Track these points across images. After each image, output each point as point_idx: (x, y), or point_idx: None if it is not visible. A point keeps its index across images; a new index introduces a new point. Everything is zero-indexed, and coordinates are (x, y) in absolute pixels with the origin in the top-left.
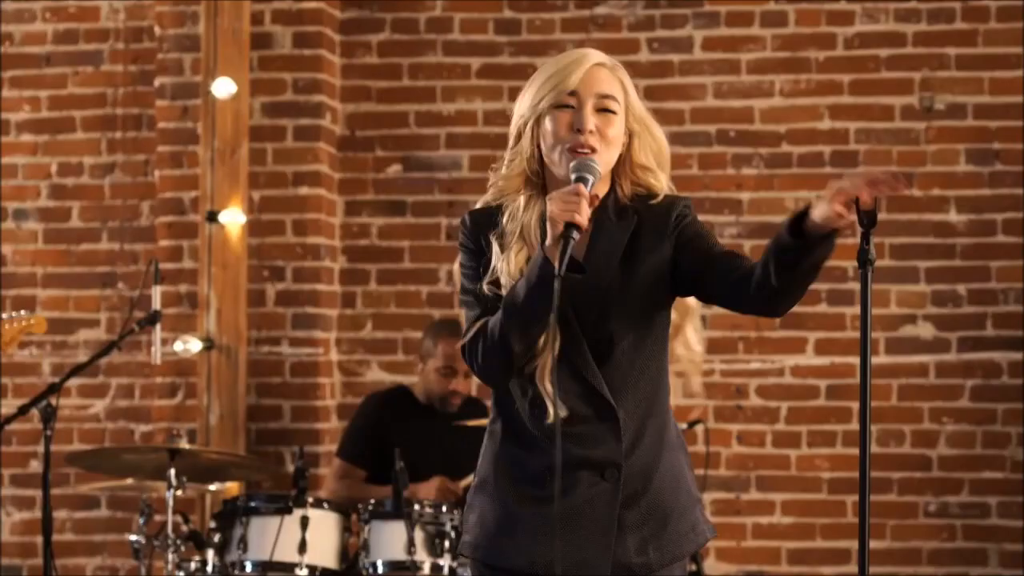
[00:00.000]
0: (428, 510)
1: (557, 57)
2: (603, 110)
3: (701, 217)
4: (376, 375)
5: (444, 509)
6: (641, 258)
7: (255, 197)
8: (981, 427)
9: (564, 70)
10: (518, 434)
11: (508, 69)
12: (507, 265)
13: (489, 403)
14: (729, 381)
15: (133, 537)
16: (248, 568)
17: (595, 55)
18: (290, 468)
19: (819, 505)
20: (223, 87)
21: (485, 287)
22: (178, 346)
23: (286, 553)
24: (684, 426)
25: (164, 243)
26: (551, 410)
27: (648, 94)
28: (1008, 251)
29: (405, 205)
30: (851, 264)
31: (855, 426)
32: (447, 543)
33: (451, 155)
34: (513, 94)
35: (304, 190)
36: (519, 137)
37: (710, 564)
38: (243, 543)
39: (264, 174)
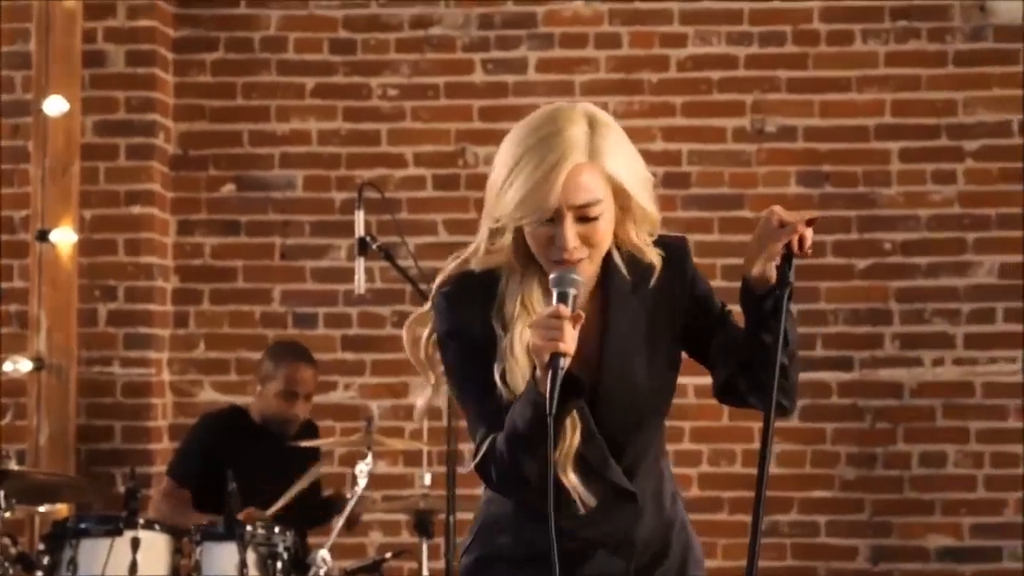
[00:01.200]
0: (260, 531)
1: (538, 139)
2: (584, 219)
3: None
4: (209, 395)
5: (277, 530)
6: (662, 334)
7: (87, 216)
8: (810, 446)
9: (541, 185)
10: (521, 510)
11: (343, 89)
12: (512, 351)
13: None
14: None
15: None
16: None
17: (575, 147)
18: (121, 489)
19: None
20: (55, 105)
21: (497, 381)
22: (7, 366)
23: (117, 574)
24: None
25: None
26: (579, 503)
27: (483, 115)
28: (837, 272)
29: (239, 225)
30: None
31: None
32: (279, 564)
33: (285, 175)
34: (348, 114)
35: (136, 209)
36: (497, 233)
37: None
38: (73, 565)
39: (96, 193)
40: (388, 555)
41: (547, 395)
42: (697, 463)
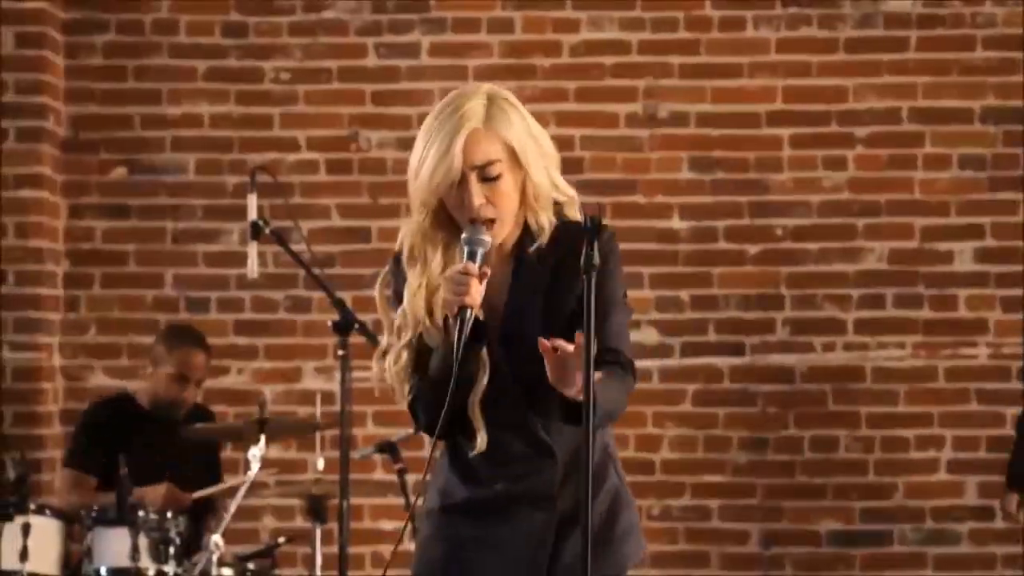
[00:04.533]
0: (153, 517)
1: (440, 119)
2: (487, 179)
3: None
4: (100, 380)
5: (169, 515)
6: (563, 296)
7: None
8: (703, 431)
9: (445, 153)
10: (459, 466)
11: (235, 72)
12: (409, 296)
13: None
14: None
15: None
16: None
17: (472, 117)
18: (11, 474)
19: None
20: None
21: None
22: None
23: (7, 561)
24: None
25: None
26: (478, 440)
27: (375, 99)
28: (729, 257)
29: (130, 209)
30: None
31: None
32: (172, 549)
33: (177, 158)
34: (240, 97)
35: (26, 192)
36: (423, 212)
37: None
38: None
39: None
40: (281, 540)
41: (454, 345)
42: None
